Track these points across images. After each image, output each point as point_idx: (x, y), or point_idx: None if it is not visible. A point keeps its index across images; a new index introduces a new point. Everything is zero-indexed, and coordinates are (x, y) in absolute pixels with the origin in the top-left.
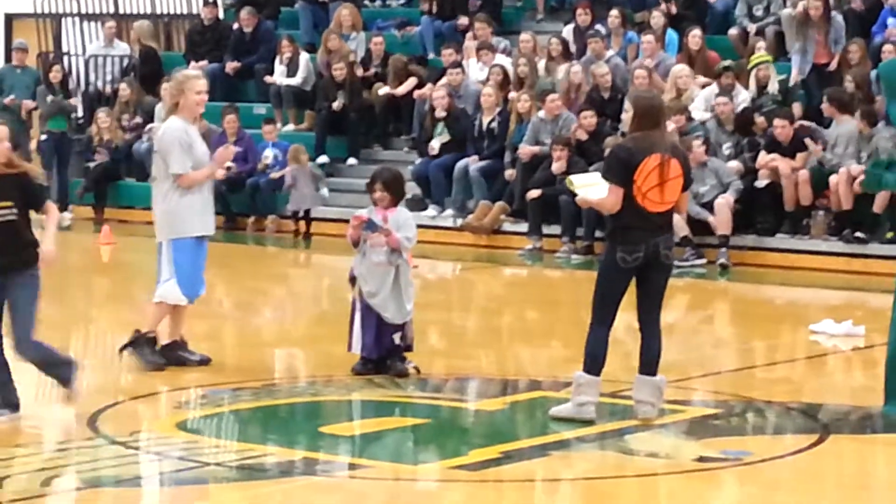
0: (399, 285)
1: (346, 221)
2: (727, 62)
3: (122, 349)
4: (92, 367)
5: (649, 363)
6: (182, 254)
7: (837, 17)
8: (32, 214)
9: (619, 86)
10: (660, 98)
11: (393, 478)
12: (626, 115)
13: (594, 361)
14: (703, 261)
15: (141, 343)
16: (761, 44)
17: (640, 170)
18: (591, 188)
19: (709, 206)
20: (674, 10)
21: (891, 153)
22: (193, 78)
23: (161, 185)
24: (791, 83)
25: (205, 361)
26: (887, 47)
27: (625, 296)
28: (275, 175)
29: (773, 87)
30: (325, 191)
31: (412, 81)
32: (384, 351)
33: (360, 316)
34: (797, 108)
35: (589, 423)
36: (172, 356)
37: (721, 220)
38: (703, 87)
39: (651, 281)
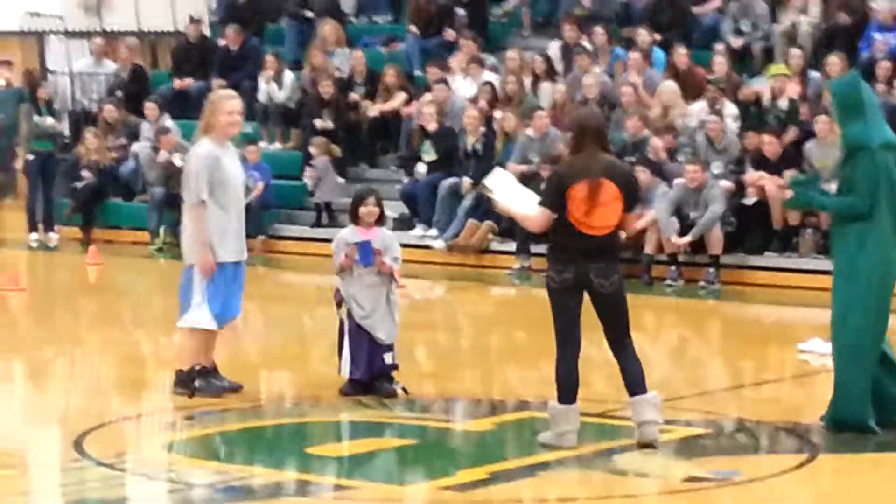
0: (390, 304)
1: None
2: (712, 76)
3: (191, 394)
4: (78, 389)
5: (635, 384)
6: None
7: (813, 75)
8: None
9: (607, 101)
10: (593, 119)
11: (381, 499)
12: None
13: (567, 390)
14: (681, 282)
15: (200, 377)
16: (721, 59)
17: (570, 195)
18: (514, 197)
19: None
20: (661, 26)
21: (818, 171)
22: (225, 98)
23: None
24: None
25: (235, 388)
26: (885, 64)
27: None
28: (251, 197)
29: (784, 103)
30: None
31: (402, 97)
32: (376, 371)
33: (350, 338)
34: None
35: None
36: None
37: (713, 239)
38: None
39: (599, 308)
